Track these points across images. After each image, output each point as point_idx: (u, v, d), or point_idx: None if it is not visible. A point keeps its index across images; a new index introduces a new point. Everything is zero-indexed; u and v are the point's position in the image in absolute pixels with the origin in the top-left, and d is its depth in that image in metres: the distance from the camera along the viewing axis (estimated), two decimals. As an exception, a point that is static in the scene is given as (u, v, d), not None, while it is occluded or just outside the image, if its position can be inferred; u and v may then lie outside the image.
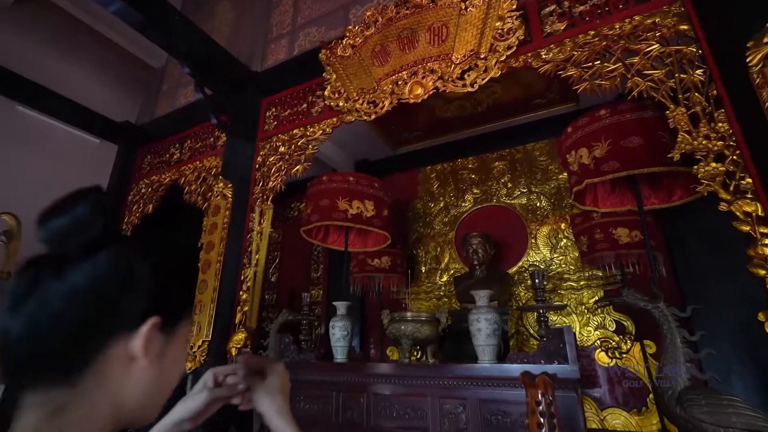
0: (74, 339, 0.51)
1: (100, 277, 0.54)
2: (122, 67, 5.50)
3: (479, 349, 2.20)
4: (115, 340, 0.55)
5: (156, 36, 3.63)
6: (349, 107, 3.51)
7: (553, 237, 4.64)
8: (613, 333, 4.02)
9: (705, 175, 2.12)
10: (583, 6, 2.80)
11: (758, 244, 1.90)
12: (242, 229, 3.70)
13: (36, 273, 0.53)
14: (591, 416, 3.94)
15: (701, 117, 2.20)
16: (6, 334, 0.49)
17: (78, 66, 5.05)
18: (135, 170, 5.23)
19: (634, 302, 1.93)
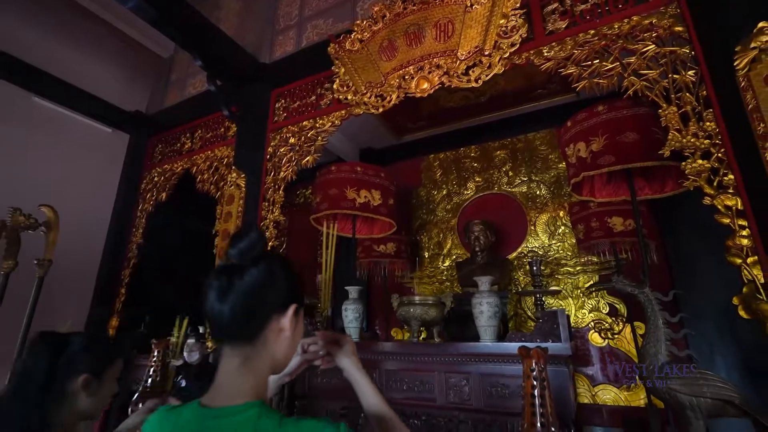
0: (253, 316, 0.83)
1: (260, 279, 0.84)
2: (131, 57, 5.57)
3: (481, 329, 2.42)
4: (272, 318, 0.85)
5: (169, 30, 3.74)
6: (357, 100, 3.65)
7: (552, 224, 4.83)
8: (606, 315, 4.26)
9: (692, 171, 2.29)
10: (584, 5, 2.91)
11: (736, 236, 2.09)
12: (256, 218, 3.88)
13: (229, 276, 0.83)
14: (583, 392, 4.22)
15: (691, 116, 2.36)
16: (220, 315, 0.81)
17: (89, 56, 5.13)
18: (147, 159, 5.38)
19: (623, 287, 2.14)
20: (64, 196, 4.29)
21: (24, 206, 3.31)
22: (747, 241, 2.07)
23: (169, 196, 4.95)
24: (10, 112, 4.34)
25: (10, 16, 4.40)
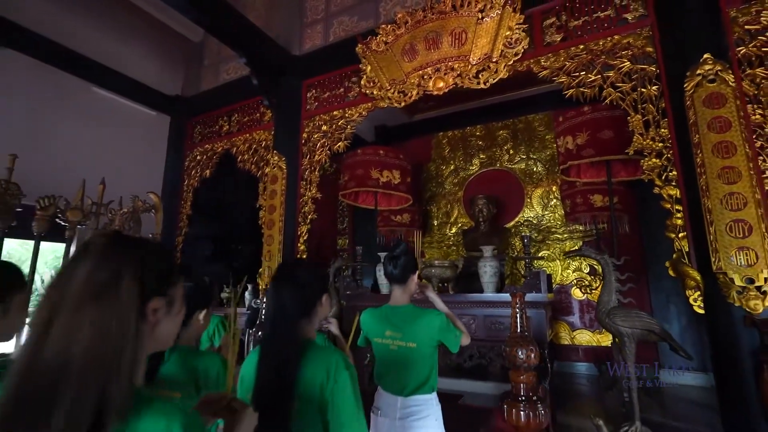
0: (404, 274, 1.59)
1: (406, 260, 1.61)
2: (165, 42, 6.04)
3: (484, 284, 3.25)
4: (410, 276, 1.61)
5: (219, 35, 4.30)
6: (382, 95, 4.27)
7: (545, 197, 5.59)
8: (587, 274, 5.13)
9: (648, 167, 3.02)
10: (577, 21, 3.49)
11: (673, 217, 2.86)
12: (296, 195, 4.63)
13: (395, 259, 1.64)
14: (564, 335, 5.18)
15: (651, 123, 3.05)
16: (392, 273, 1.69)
17: (132, 45, 5.62)
18: (188, 139, 6.02)
19: (588, 254, 2.94)
20: (121, 173, 5.00)
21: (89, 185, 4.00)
22: (680, 222, 2.84)
23: (212, 173, 5.65)
24: (72, 102, 4.95)
25: (69, 13, 4.89)
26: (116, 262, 0.54)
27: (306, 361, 0.91)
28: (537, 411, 1.65)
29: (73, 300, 0.51)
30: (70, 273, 0.52)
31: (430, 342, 1.44)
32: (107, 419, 0.50)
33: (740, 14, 2.88)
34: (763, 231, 2.48)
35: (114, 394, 0.51)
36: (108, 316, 0.52)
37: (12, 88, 4.31)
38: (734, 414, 2.48)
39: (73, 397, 0.48)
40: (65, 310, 0.51)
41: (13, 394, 0.50)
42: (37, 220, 2.75)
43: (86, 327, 0.50)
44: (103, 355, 0.51)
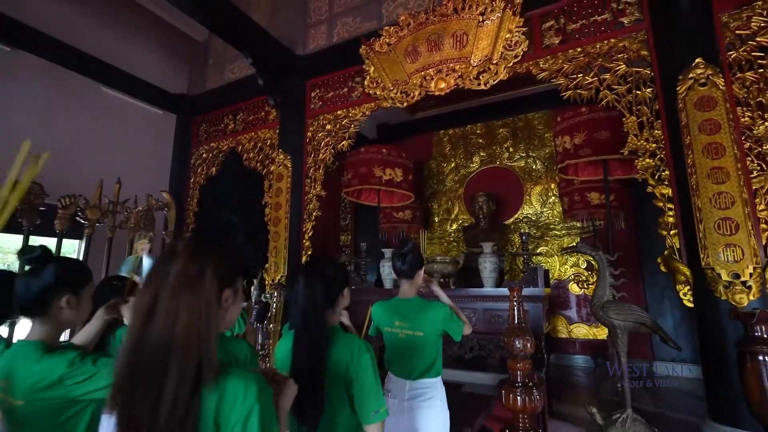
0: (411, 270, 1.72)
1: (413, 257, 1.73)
2: (170, 41, 6.14)
3: (484, 279, 3.39)
4: (417, 272, 1.75)
5: (224, 35, 4.40)
6: (385, 95, 4.38)
7: (544, 194, 5.72)
8: (584, 270, 5.26)
9: (642, 167, 3.14)
10: (575, 24, 3.60)
11: (665, 215, 2.99)
12: (301, 193, 4.75)
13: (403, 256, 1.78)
14: (562, 328, 5.33)
15: (645, 125, 3.16)
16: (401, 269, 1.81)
17: (138, 44, 5.72)
18: (193, 137, 6.13)
19: (584, 251, 3.07)
20: (130, 171, 5.11)
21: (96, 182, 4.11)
22: (672, 219, 2.97)
23: (218, 170, 5.77)
24: (80, 101, 5.05)
25: (78, 14, 4.98)
26: (201, 261, 0.67)
27: (333, 344, 1.05)
28: (532, 396, 1.79)
29: (171, 290, 0.63)
30: (165, 269, 0.65)
31: (436, 331, 1.58)
32: (205, 378, 0.64)
33: (732, 19, 2.99)
34: (749, 229, 2.61)
35: (208, 360, 0.64)
36: (198, 302, 0.65)
37: (24, 89, 4.42)
38: (719, 401, 2.62)
39: (181, 363, 0.62)
40: (166, 297, 0.63)
41: (132, 361, 0.63)
42: (59, 219, 2.88)
43: (184, 310, 0.63)
44: (198, 330, 0.63)
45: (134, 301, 0.66)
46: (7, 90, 4.27)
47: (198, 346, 0.63)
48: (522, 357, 1.85)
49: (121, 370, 0.63)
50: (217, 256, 0.70)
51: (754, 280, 2.55)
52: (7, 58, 4.31)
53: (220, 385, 0.65)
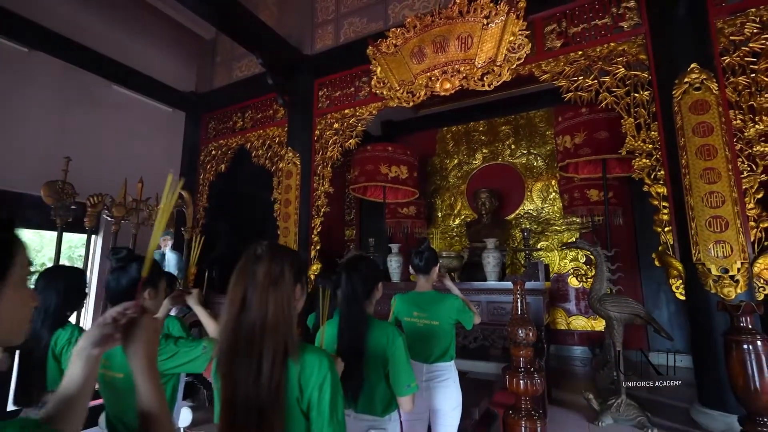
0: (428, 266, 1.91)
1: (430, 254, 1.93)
2: (179, 39, 6.24)
3: (488, 273, 3.56)
4: (433, 268, 1.94)
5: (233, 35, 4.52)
6: (391, 95, 4.51)
7: (545, 191, 5.87)
8: (583, 264, 5.43)
9: (639, 167, 3.29)
10: (576, 28, 3.73)
11: (660, 213, 3.15)
12: (309, 190, 4.91)
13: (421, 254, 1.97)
14: (561, 320, 5.51)
15: (642, 126, 3.31)
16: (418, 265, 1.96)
17: (147, 43, 5.83)
18: (202, 134, 6.27)
19: (582, 246, 3.23)
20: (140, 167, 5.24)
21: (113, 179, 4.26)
22: (666, 217, 3.13)
23: (227, 167, 5.92)
24: (94, 100, 5.17)
25: (92, 15, 5.09)
26: (281, 262, 0.84)
27: (371, 330, 1.23)
28: (533, 379, 1.96)
29: (261, 286, 0.80)
30: (252, 269, 0.82)
31: (450, 320, 1.75)
32: (291, 352, 0.81)
33: (726, 25, 3.12)
34: (738, 226, 2.78)
35: (291, 339, 0.80)
36: (282, 295, 0.81)
37: (43, 89, 4.55)
38: (708, 386, 2.81)
39: (273, 342, 0.78)
40: (256, 291, 0.80)
41: (232, 341, 0.79)
42: (89, 216, 3.04)
43: (272, 301, 0.79)
44: (283, 317, 0.80)
45: (228, 295, 0.82)
46: (26, 90, 4.40)
47: (284, 329, 0.80)
48: (524, 345, 2.02)
49: (223, 346, 0.80)
50: (291, 258, 0.86)
51: (742, 275, 2.72)
52: (25, 59, 4.43)
53: (301, 358, 0.83)
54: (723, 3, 3.17)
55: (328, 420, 0.81)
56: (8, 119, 4.23)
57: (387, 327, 1.27)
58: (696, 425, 2.83)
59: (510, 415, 2.02)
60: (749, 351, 2.40)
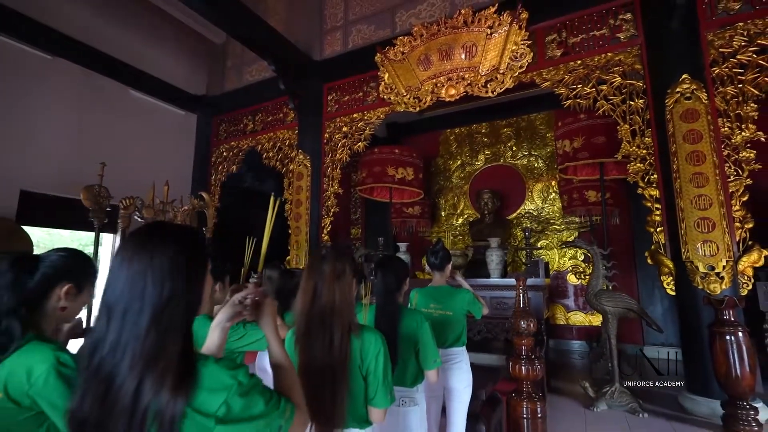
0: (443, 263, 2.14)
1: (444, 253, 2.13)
2: (190, 44, 6.44)
3: (491, 270, 3.78)
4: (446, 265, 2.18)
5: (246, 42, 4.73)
6: (398, 100, 4.71)
7: (545, 191, 6.09)
8: (581, 262, 5.65)
9: (633, 171, 3.51)
10: (575, 38, 3.93)
11: (653, 214, 3.37)
12: (319, 191, 5.12)
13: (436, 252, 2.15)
14: (560, 316, 5.74)
15: (637, 133, 3.52)
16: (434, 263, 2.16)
17: (160, 47, 6.02)
18: (213, 136, 6.48)
19: (580, 245, 3.45)
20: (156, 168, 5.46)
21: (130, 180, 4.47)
22: (658, 218, 3.35)
23: (238, 168, 6.13)
24: (111, 104, 5.38)
25: (108, 21, 5.29)
26: (343, 260, 1.06)
27: (402, 316, 1.45)
28: (534, 365, 2.18)
29: (327, 279, 1.02)
30: (320, 267, 1.04)
31: (462, 311, 1.97)
32: (353, 330, 1.02)
33: (716, 38, 3.33)
34: (724, 227, 2.99)
35: (353, 320, 1.03)
36: (345, 286, 1.03)
37: (64, 94, 4.76)
38: (695, 374, 3.04)
39: (341, 322, 1.01)
40: (324, 283, 1.02)
41: (307, 321, 1.01)
42: (122, 218, 3.26)
43: (337, 291, 1.02)
44: (346, 303, 1.02)
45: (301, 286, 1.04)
46: (49, 95, 4.61)
47: (347, 312, 1.03)
48: (526, 335, 2.24)
49: (300, 326, 1.03)
50: (348, 258, 1.09)
51: (727, 272, 2.94)
52: (48, 65, 4.63)
53: (361, 335, 1.06)
54: (713, 17, 3.37)
55: (382, 382, 1.03)
56: (33, 123, 4.44)
57: (416, 314, 1.49)
58: (683, 410, 3.05)
59: (513, 398, 2.24)
60: (731, 342, 2.63)
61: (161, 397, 0.57)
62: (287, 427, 0.68)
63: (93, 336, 0.60)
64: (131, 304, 0.60)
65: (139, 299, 0.59)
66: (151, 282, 0.60)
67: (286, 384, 0.77)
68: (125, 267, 0.62)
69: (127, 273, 0.61)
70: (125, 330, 0.59)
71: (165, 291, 0.61)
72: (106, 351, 0.59)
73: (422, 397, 1.46)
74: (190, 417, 0.60)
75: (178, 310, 0.63)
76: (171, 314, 0.61)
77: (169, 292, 0.61)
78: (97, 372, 0.59)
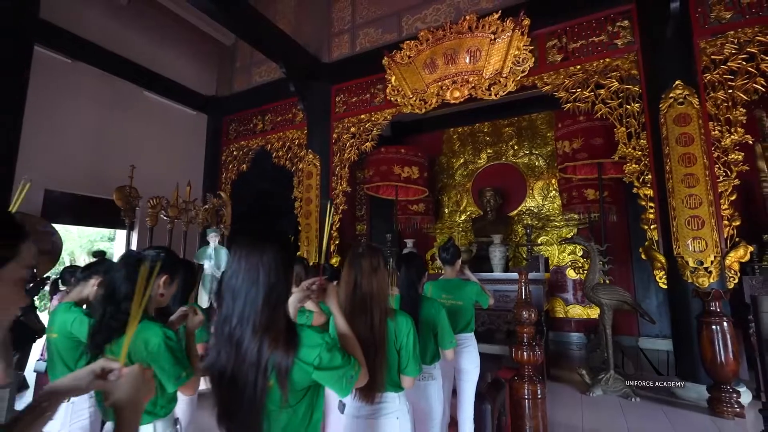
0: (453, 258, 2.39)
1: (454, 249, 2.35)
2: (201, 45, 6.61)
3: (494, 266, 4.01)
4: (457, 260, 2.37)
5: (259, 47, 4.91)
6: (405, 102, 4.90)
7: (546, 189, 6.29)
8: (580, 257, 5.86)
9: (629, 171, 3.71)
10: (575, 44, 4.12)
11: (647, 212, 3.58)
12: (328, 189, 5.33)
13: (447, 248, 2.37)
14: (559, 309, 5.96)
15: (633, 135, 3.72)
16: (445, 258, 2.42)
17: (171, 49, 6.18)
18: (223, 135, 6.67)
19: (578, 242, 3.67)
20: (169, 167, 5.68)
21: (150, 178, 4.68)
22: (652, 216, 3.55)
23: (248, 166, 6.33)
24: (127, 105, 5.57)
25: (124, 25, 5.46)
26: (377, 256, 1.27)
27: (422, 304, 1.67)
28: (534, 351, 2.40)
29: (365, 272, 1.23)
30: (358, 262, 1.25)
31: (470, 301, 2.19)
32: (389, 314, 1.24)
33: (708, 46, 3.51)
34: (712, 225, 3.20)
35: (388, 306, 1.24)
36: (380, 278, 1.24)
37: (84, 97, 4.95)
38: (684, 361, 3.26)
39: (379, 307, 1.22)
40: (363, 276, 1.23)
41: (352, 306, 1.22)
42: (150, 216, 3.47)
43: (374, 282, 1.23)
44: (382, 292, 1.23)
45: (343, 278, 1.26)
46: (70, 98, 4.80)
47: (383, 299, 1.24)
48: (528, 323, 2.46)
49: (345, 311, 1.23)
50: (381, 253, 1.30)
51: (714, 267, 3.15)
52: (69, 69, 4.82)
53: (396, 318, 1.28)
54: (706, 25, 3.55)
55: (412, 355, 1.26)
56: (56, 125, 4.64)
57: (434, 302, 1.71)
58: (673, 395, 3.28)
59: (515, 380, 2.46)
60: (717, 331, 2.85)
61: (277, 353, 0.78)
62: (356, 377, 0.91)
63: (222, 312, 0.82)
64: (249, 288, 0.81)
65: (255, 285, 0.81)
66: (262, 272, 0.82)
67: (350, 348, 0.99)
68: (243, 262, 0.83)
69: (245, 266, 0.82)
70: (246, 307, 0.80)
71: (271, 278, 0.82)
72: (234, 323, 0.81)
73: (439, 373, 1.68)
74: (297, 365, 0.82)
75: (281, 292, 0.84)
76: (276, 295, 0.83)
77: (275, 279, 0.83)
78: (229, 338, 0.81)
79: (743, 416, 2.80)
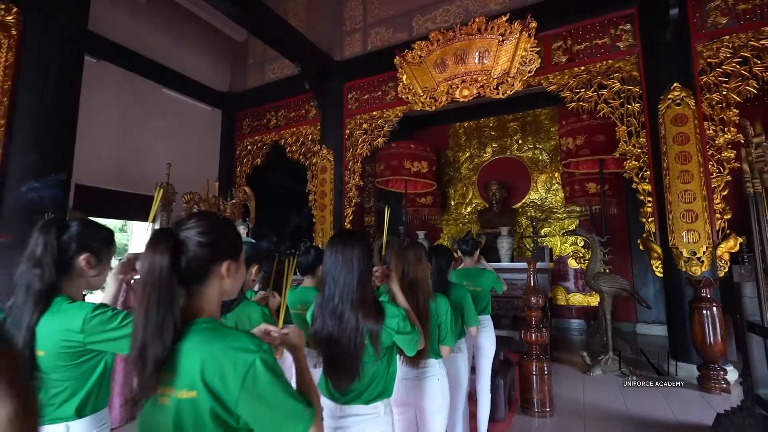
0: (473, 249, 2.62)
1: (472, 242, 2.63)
2: (215, 42, 6.79)
3: (502, 256, 4.28)
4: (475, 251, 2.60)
5: (278, 47, 5.11)
6: (415, 100, 5.13)
7: (549, 182, 6.53)
8: (582, 248, 6.14)
9: (629, 168, 3.96)
10: (579, 46, 4.33)
11: (645, 206, 3.84)
12: (341, 182, 5.57)
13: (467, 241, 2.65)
14: (561, 297, 6.26)
15: (633, 134, 3.96)
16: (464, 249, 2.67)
17: (186, 46, 6.36)
18: (237, 131, 6.89)
19: (580, 233, 3.94)
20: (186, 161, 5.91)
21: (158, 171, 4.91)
22: (650, 209, 3.81)
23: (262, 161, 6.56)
24: (147, 102, 5.78)
25: (144, 24, 5.65)
26: (420, 249, 1.53)
27: (450, 290, 1.94)
28: (541, 332, 2.69)
29: (411, 262, 1.49)
30: (405, 254, 1.51)
31: (488, 287, 2.46)
32: (430, 296, 1.52)
33: (705, 49, 3.73)
34: (705, 218, 3.46)
35: (430, 290, 1.51)
36: (423, 266, 1.50)
37: (108, 95, 5.17)
38: (677, 343, 3.55)
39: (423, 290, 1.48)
40: (410, 265, 1.49)
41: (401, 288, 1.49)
42: (186, 211, 3.73)
43: (419, 269, 1.49)
44: (425, 278, 1.49)
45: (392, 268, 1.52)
46: (96, 97, 5.01)
47: (425, 284, 1.50)
48: (536, 308, 2.74)
49: None
50: (422, 246, 1.56)
51: (706, 256, 3.42)
52: (93, 68, 5.02)
53: (436, 299, 1.54)
54: (703, 29, 3.76)
55: (450, 329, 1.53)
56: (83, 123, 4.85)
57: (460, 287, 1.98)
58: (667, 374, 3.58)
59: (524, 358, 2.75)
60: (707, 315, 3.14)
61: (369, 321, 1.06)
62: (419, 341, 1.19)
63: (325, 292, 1.10)
64: (347, 274, 1.09)
65: (350, 271, 1.08)
66: (356, 261, 1.09)
67: (411, 320, 1.25)
68: (339, 254, 1.10)
69: (342, 257, 1.10)
70: (345, 289, 1.08)
71: (362, 266, 1.10)
72: (336, 301, 1.09)
73: (465, 346, 1.96)
74: (384, 330, 1.09)
75: (368, 276, 1.11)
76: (366, 278, 1.10)
77: (365, 266, 1.10)
78: (333, 312, 1.10)
79: (729, 392, 3.10)
